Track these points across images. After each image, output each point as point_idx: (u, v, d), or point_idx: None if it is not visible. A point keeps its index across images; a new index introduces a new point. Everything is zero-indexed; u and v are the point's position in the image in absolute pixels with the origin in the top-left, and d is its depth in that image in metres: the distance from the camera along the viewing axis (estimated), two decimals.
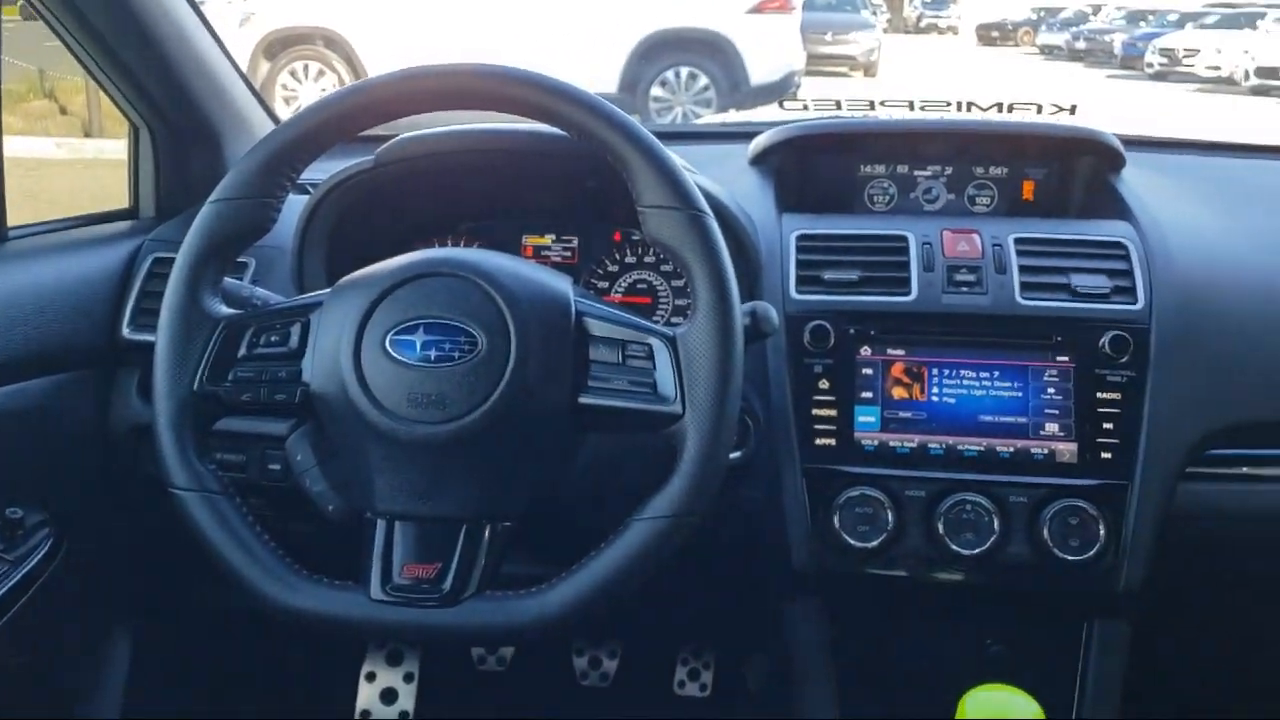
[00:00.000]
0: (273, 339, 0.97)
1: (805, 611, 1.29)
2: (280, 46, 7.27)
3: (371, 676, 1.86)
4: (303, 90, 7.21)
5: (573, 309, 0.95)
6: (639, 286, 1.39)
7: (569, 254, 1.41)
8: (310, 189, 1.30)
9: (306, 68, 7.34)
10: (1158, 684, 1.39)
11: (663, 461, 0.93)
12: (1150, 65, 17.79)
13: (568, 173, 1.27)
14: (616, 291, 1.39)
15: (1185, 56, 17.20)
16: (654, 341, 0.94)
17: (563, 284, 0.98)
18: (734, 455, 1.17)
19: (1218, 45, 16.60)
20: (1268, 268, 1.29)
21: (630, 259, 1.39)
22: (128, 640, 1.55)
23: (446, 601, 0.92)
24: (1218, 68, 16.28)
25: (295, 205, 1.26)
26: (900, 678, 1.29)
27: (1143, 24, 21.04)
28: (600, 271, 1.40)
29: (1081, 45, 21.96)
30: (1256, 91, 14.85)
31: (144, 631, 1.57)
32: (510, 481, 0.95)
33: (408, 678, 1.86)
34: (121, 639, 1.55)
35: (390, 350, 0.92)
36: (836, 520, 1.19)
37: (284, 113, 1.07)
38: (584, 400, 0.94)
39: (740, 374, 0.94)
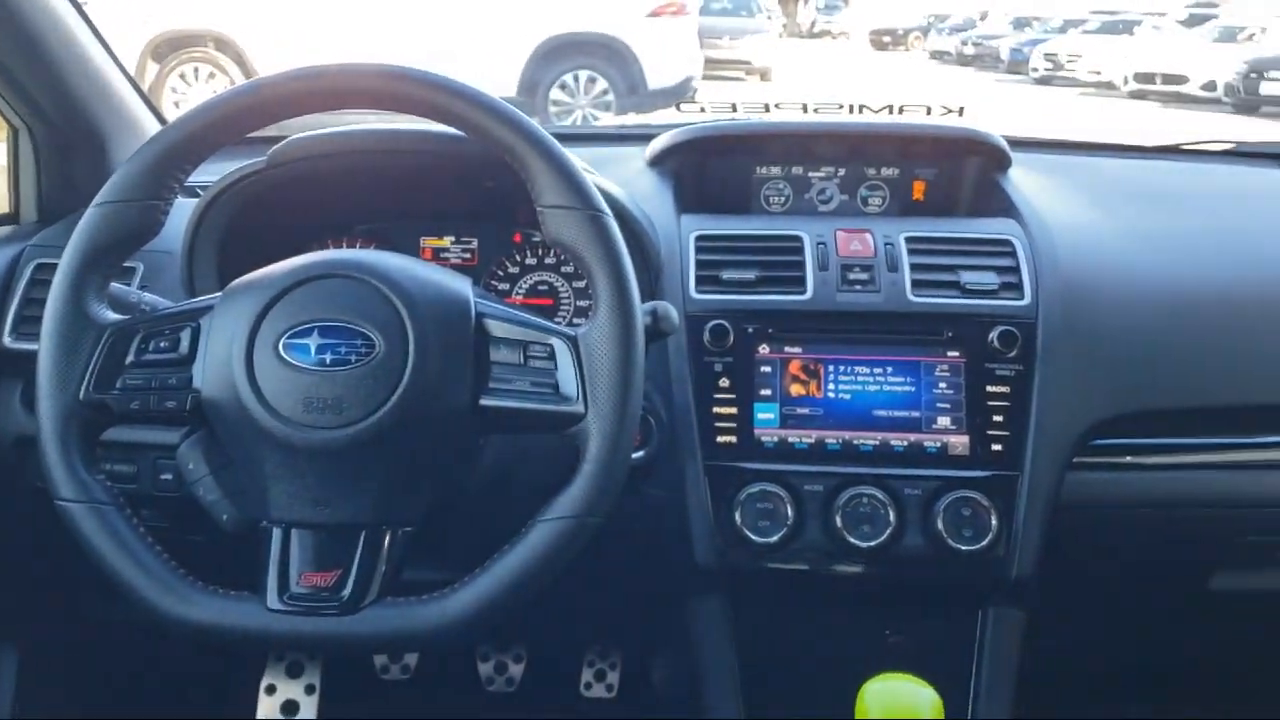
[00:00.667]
0: (162, 345, 0.94)
1: (709, 608, 1.30)
2: (169, 48, 7.08)
3: (271, 689, 1.82)
4: (192, 93, 7.03)
5: (472, 310, 0.95)
6: (540, 288, 1.39)
7: (469, 256, 1.40)
8: (200, 191, 1.27)
9: (197, 70, 7.15)
10: (1052, 667, 1.44)
11: (566, 462, 0.93)
12: (1035, 70, 18.38)
13: (466, 174, 1.26)
14: (518, 293, 1.39)
15: (1068, 61, 17.81)
16: (555, 342, 0.94)
17: (462, 285, 0.97)
18: (637, 454, 1.18)
19: (1099, 51, 17.21)
20: (1146, 264, 1.34)
21: (531, 260, 1.39)
22: (14, 657, 1.50)
23: (346, 609, 0.90)
24: (1099, 72, 16.87)
25: (185, 208, 1.23)
26: (802, 671, 1.30)
27: (1028, 30, 21.73)
28: (501, 273, 1.39)
29: (970, 50, 22.58)
30: (1135, 95, 15.43)
31: (32, 647, 1.52)
32: (410, 486, 0.94)
33: (309, 689, 1.82)
34: (8, 655, 1.49)
35: (284, 354, 0.90)
36: (738, 516, 1.20)
37: (173, 115, 1.04)
38: (485, 402, 0.93)
39: (641, 373, 0.95)
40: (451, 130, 0.99)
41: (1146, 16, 19.58)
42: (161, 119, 1.55)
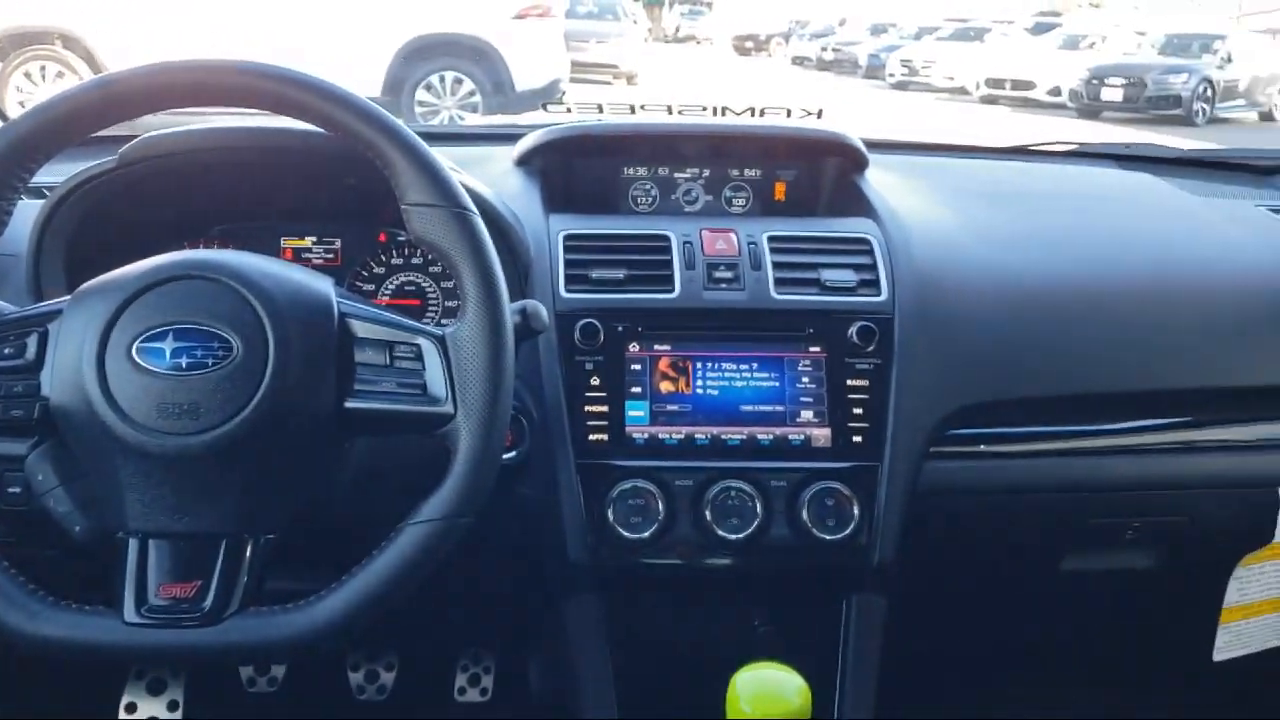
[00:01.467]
0: (6, 351, 0.91)
1: (583, 607, 1.30)
2: (12, 45, 6.76)
3: (132, 708, 1.76)
4: (39, 92, 6.72)
5: (335, 310, 0.93)
6: (407, 288, 1.37)
7: (331, 256, 1.37)
8: (47, 192, 1.22)
9: (44, 69, 6.85)
10: (915, 649, 1.48)
11: (436, 464, 0.93)
12: (892, 75, 18.94)
13: (328, 172, 1.24)
14: (384, 294, 1.37)
15: (924, 67, 18.41)
16: (422, 341, 0.93)
17: (323, 284, 0.95)
18: (508, 455, 1.17)
19: (952, 57, 17.83)
20: (995, 260, 1.39)
21: (397, 260, 1.37)
22: None
23: (207, 620, 0.88)
24: (952, 78, 17.48)
25: (30, 210, 1.18)
26: (675, 665, 1.32)
27: (885, 36, 22.35)
28: (365, 274, 1.37)
29: (830, 56, 23.11)
30: (986, 100, 16.05)
31: None
32: (273, 493, 0.92)
33: (172, 705, 1.76)
34: None
35: (137, 359, 0.87)
36: (610, 513, 1.21)
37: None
38: (350, 405, 0.92)
39: (511, 372, 0.95)
40: (311, 127, 0.98)
41: (996, 24, 20.39)
42: (3, 116, 1.47)
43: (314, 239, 1.37)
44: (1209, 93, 14.37)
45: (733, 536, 1.21)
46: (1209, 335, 1.37)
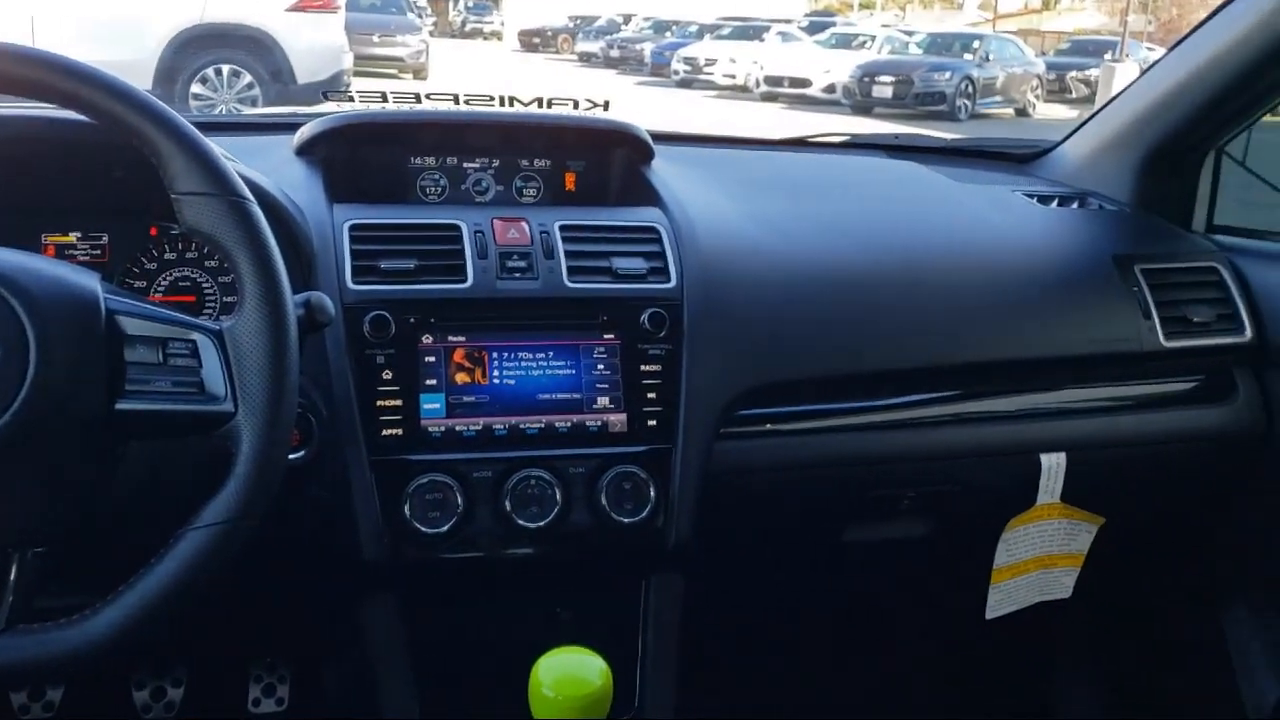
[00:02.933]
0: None
1: (380, 607, 1.28)
2: None
3: None
4: None
5: (102, 307, 0.87)
6: (181, 284, 1.31)
7: (98, 252, 1.29)
8: None
9: None
10: (714, 624, 1.52)
11: (219, 465, 0.89)
12: (676, 73, 19.32)
13: (92, 163, 1.16)
14: (157, 291, 1.30)
15: (706, 65, 18.85)
16: (198, 337, 0.89)
17: (89, 280, 0.90)
18: (296, 454, 1.14)
19: (732, 55, 18.35)
20: (778, 247, 1.44)
21: (170, 255, 1.30)
22: None
23: None
24: (733, 76, 17.99)
25: None
26: (479, 659, 1.31)
27: (668, 34, 22.75)
28: (136, 270, 1.30)
29: (616, 53, 23.36)
30: (766, 98, 16.59)
31: None
32: (39, 503, 0.86)
33: None
34: None
35: None
36: (407, 509, 1.19)
37: None
38: (122, 406, 0.87)
39: (295, 367, 0.91)
40: (72, 115, 0.92)
41: (774, 23, 21.08)
42: None
43: (79, 234, 1.28)
44: (970, 90, 15.34)
45: (533, 525, 1.21)
46: (973, 313, 1.46)
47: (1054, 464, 1.48)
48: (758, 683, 1.87)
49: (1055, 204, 1.72)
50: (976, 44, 16.64)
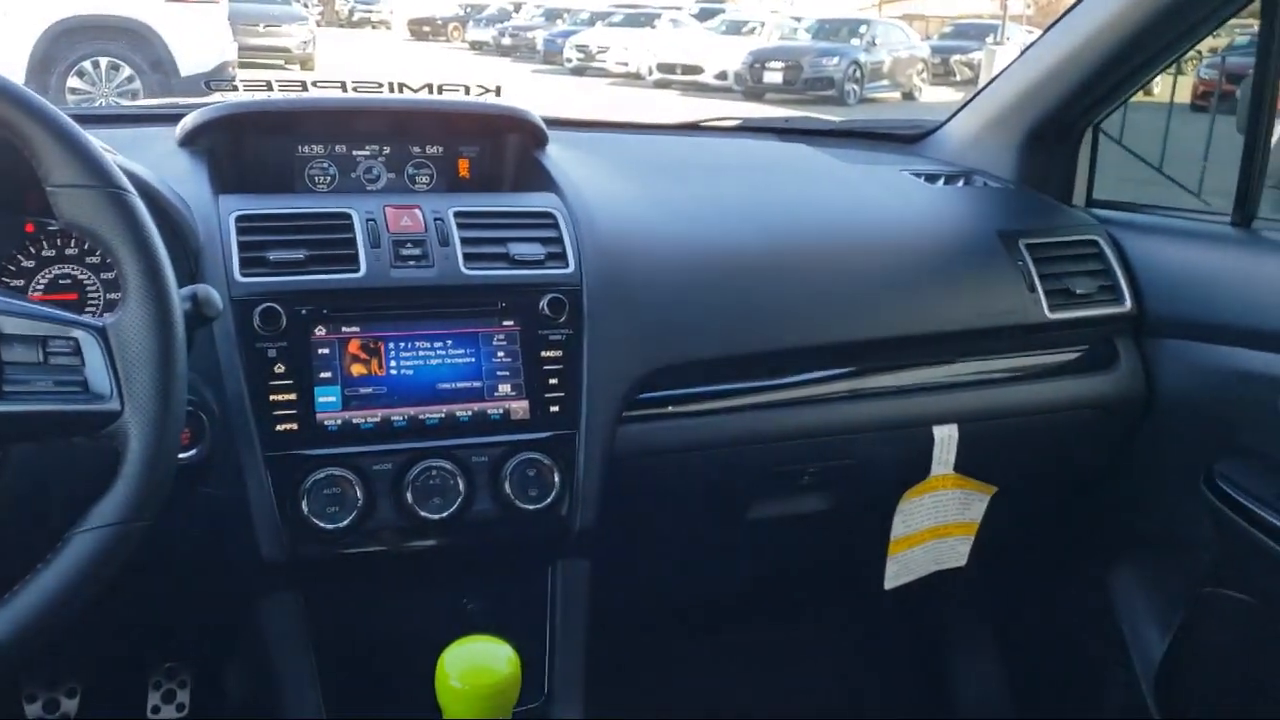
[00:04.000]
0: None
1: (281, 606, 1.25)
2: None
3: None
4: None
5: None
6: (62, 282, 1.26)
7: None
8: None
9: None
10: (622, 606, 1.53)
11: (107, 466, 0.86)
12: (569, 60, 19.24)
13: None
14: (36, 289, 1.25)
15: (598, 53, 18.82)
16: (80, 334, 0.86)
17: None
18: (187, 453, 1.11)
19: (625, 43, 18.34)
20: (674, 230, 1.45)
21: (49, 252, 1.26)
22: None
23: None
24: (626, 63, 17.99)
25: None
26: (384, 654, 1.29)
27: (560, 21, 22.63)
28: (12, 269, 1.25)
29: (507, 41, 23.16)
30: (659, 85, 16.64)
31: None
32: None
33: None
34: None
35: None
36: (305, 505, 1.17)
37: None
38: (0, 408, 0.84)
39: (183, 362, 0.89)
40: None
41: (665, 10, 21.13)
42: None
43: None
44: (858, 74, 15.61)
45: (436, 516, 1.20)
46: (865, 291, 1.49)
47: (946, 436, 1.52)
48: (666, 662, 1.89)
49: (941, 183, 1.76)
50: (863, 29, 16.92)
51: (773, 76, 15.36)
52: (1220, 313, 1.50)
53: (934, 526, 1.60)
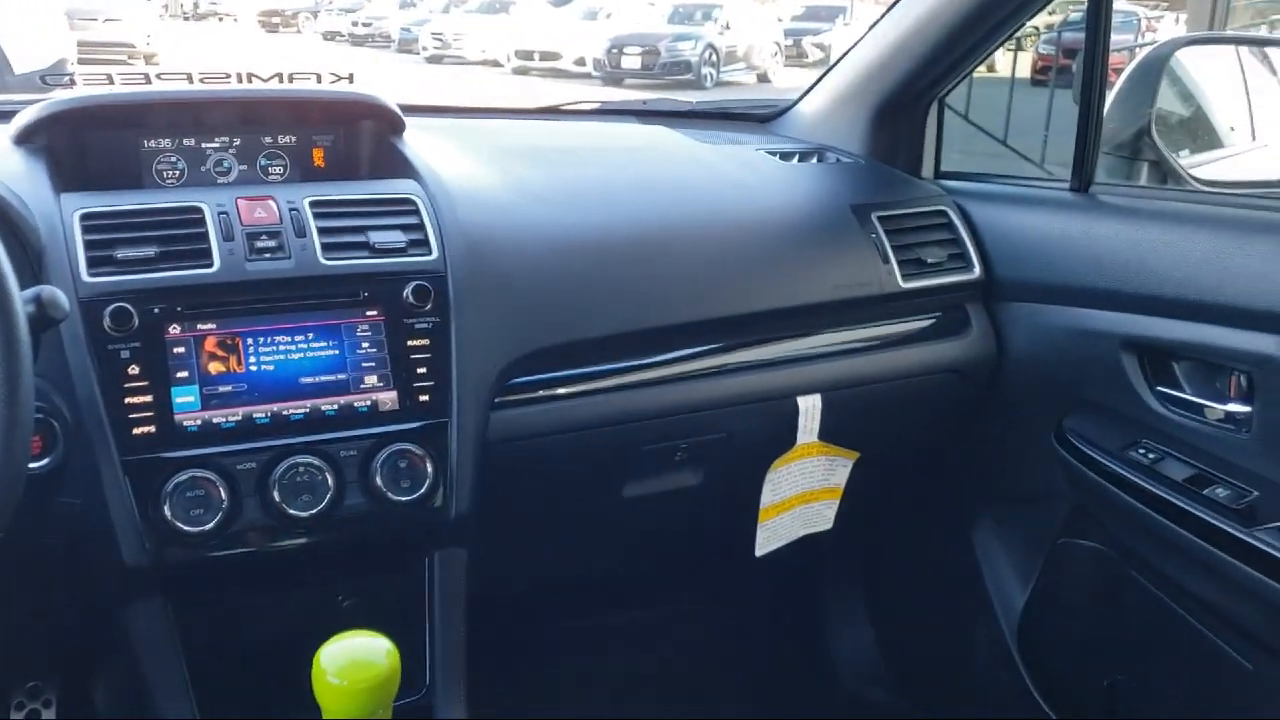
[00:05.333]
0: None
1: (147, 613, 1.21)
2: None
3: None
4: None
5: None
6: None
7: None
8: None
9: None
10: (498, 591, 1.53)
11: None
12: (425, 48, 18.92)
13: None
14: None
15: (455, 40, 18.56)
16: None
17: None
18: (39, 463, 1.07)
19: (481, 29, 18.14)
20: (538, 214, 1.45)
21: None
22: None
23: None
24: (484, 50, 17.79)
25: None
26: (260, 657, 1.27)
27: (413, 9, 22.23)
28: None
29: (361, 30, 22.66)
30: (518, 71, 16.52)
31: None
32: None
33: None
34: None
35: None
36: (167, 509, 1.13)
37: None
38: None
39: (28, 368, 0.86)
40: None
41: None
42: None
43: None
44: (714, 58, 15.79)
45: (305, 514, 1.18)
46: (726, 269, 1.52)
47: (810, 405, 1.56)
48: (548, 645, 1.90)
49: (796, 160, 1.80)
50: (718, 13, 17.08)
51: (631, 61, 15.41)
52: (1062, 275, 1.57)
53: (801, 493, 1.65)
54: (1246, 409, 1.35)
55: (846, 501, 1.71)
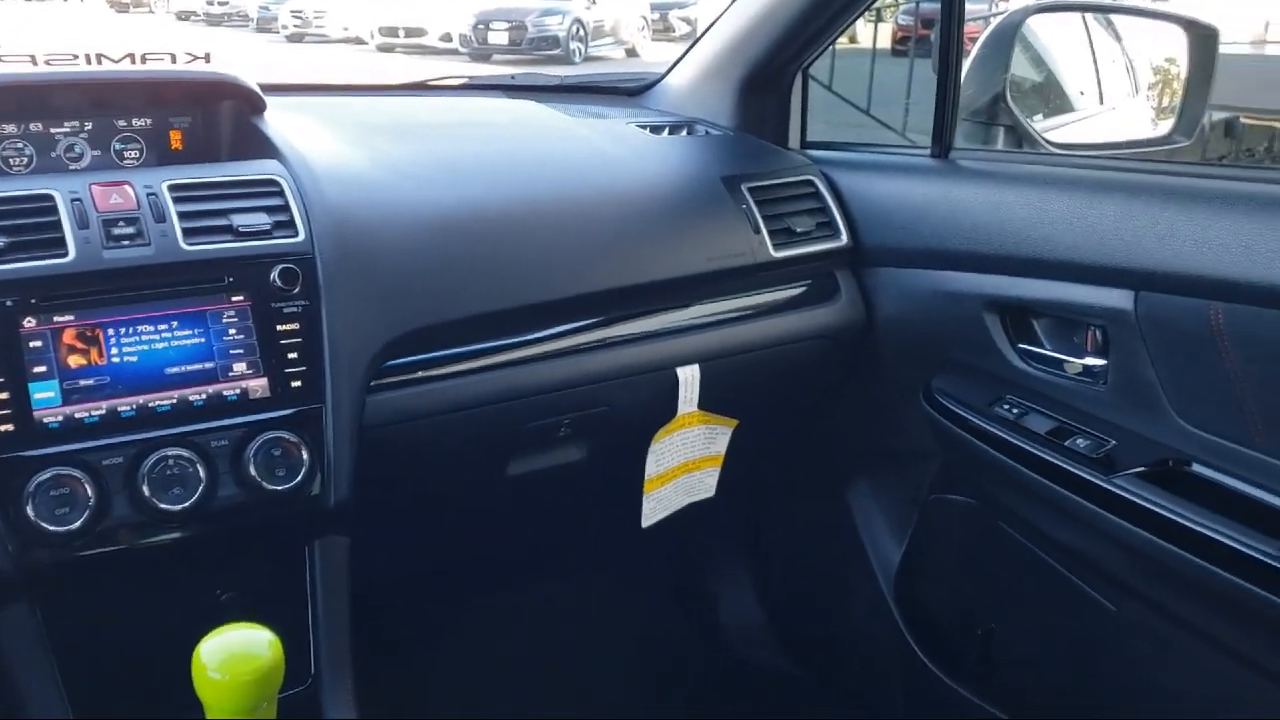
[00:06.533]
0: None
1: (13, 620, 1.16)
2: None
3: None
4: None
5: None
6: None
7: None
8: None
9: None
10: (389, 580, 1.51)
11: None
12: (286, 27, 18.39)
13: None
14: None
15: (316, 18, 18.07)
16: None
17: None
18: None
19: (344, 6, 17.69)
20: (408, 192, 1.43)
21: None
22: None
23: None
24: (347, 28, 17.38)
25: None
26: (136, 658, 1.23)
27: None
28: None
29: (217, 9, 21.90)
30: (383, 49, 16.18)
31: None
32: None
33: None
34: None
35: None
36: (30, 510, 1.09)
37: None
38: None
39: None
40: None
41: None
42: None
43: None
44: (582, 33, 15.73)
45: (177, 507, 1.15)
46: (600, 243, 1.52)
47: (689, 376, 1.58)
48: (437, 628, 1.88)
49: (666, 133, 1.81)
50: None
51: (498, 37, 15.24)
52: (926, 239, 1.62)
53: (684, 463, 1.67)
54: (1102, 362, 1.41)
55: (728, 468, 1.73)
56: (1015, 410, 1.49)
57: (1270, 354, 1.20)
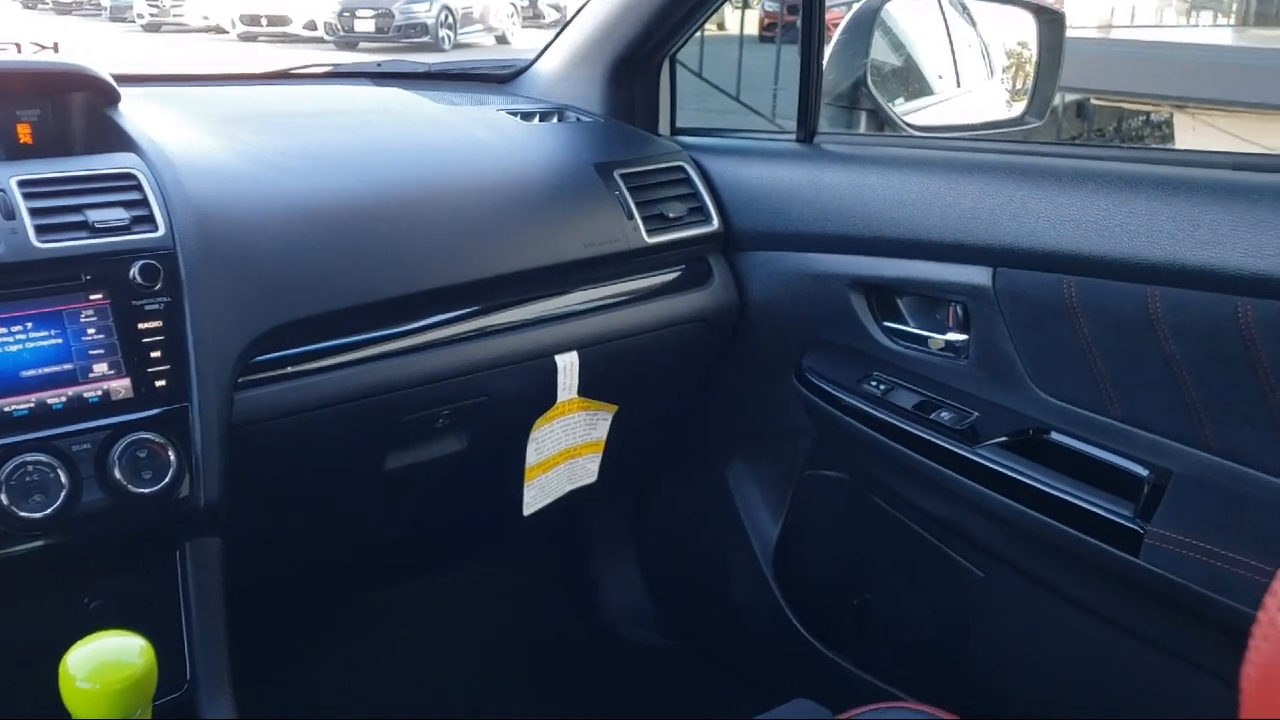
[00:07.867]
0: None
1: None
2: None
3: None
4: None
5: None
6: None
7: None
8: None
9: None
10: (264, 580, 1.48)
11: None
12: (141, 16, 17.74)
13: None
14: None
15: (174, 7, 17.47)
16: None
17: None
18: None
19: None
20: (272, 183, 1.40)
21: None
22: None
23: None
24: (207, 16, 16.85)
25: None
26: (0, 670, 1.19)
27: None
28: None
29: None
30: (245, 38, 15.75)
31: None
32: None
33: None
34: None
35: None
36: None
37: None
38: None
39: None
40: None
41: None
42: None
43: None
44: (451, 19, 15.56)
45: (39, 515, 1.11)
46: (474, 230, 1.51)
47: (568, 363, 1.58)
48: (318, 628, 1.86)
49: (537, 120, 1.81)
50: None
51: (364, 25, 14.97)
52: (793, 222, 1.65)
53: (565, 449, 1.68)
54: (964, 337, 1.47)
55: (609, 453, 1.75)
56: (882, 386, 1.54)
57: (1120, 324, 1.26)
